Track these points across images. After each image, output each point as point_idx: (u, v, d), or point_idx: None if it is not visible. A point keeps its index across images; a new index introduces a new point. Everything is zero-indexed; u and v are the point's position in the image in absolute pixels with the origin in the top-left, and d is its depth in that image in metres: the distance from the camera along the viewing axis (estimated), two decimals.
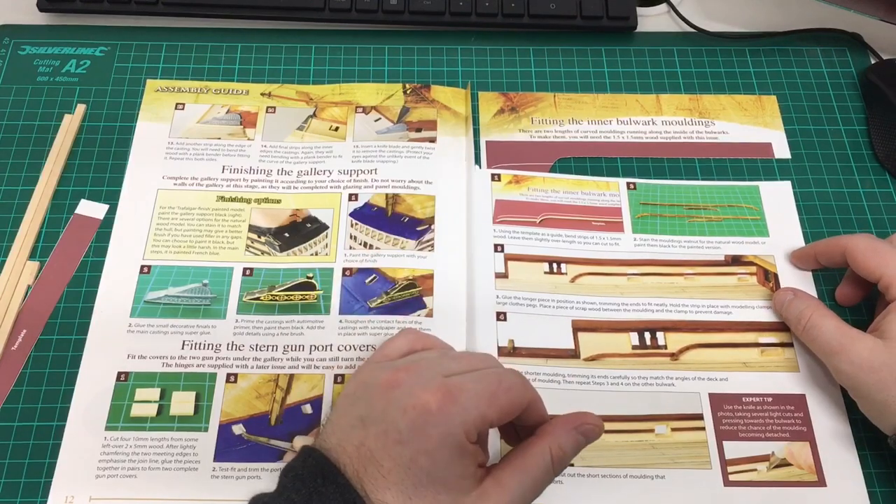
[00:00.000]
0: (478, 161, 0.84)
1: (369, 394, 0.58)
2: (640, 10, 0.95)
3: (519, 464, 0.58)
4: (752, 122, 0.88)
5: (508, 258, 0.78)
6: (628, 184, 0.83)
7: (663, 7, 0.96)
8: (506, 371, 0.60)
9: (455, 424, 0.55)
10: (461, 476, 0.56)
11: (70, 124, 0.85)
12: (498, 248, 0.79)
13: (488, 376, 0.58)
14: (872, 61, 0.92)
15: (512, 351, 0.74)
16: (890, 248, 0.72)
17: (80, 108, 0.86)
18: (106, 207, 0.81)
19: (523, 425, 0.62)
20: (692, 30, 0.94)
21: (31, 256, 0.78)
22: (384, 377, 0.58)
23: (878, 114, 0.87)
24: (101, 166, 0.83)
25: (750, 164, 0.85)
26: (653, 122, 0.88)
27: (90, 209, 0.81)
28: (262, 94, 0.88)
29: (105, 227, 0.79)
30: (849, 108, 0.89)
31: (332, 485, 0.54)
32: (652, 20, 0.96)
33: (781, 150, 0.86)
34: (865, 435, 0.70)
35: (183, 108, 0.86)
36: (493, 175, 0.83)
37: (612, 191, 0.83)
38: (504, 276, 0.78)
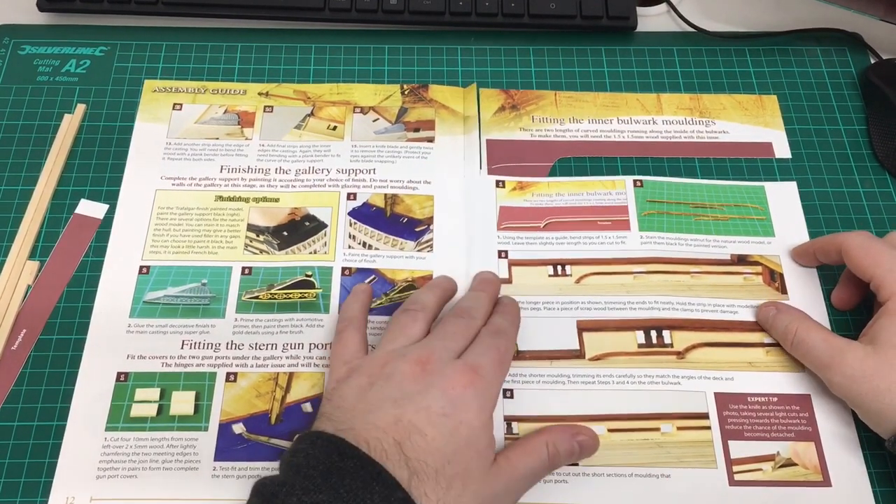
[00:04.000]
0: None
1: (396, 381, 0.62)
2: (640, 10, 0.95)
3: (524, 449, 0.64)
4: (752, 121, 0.88)
5: (512, 263, 0.78)
6: (635, 181, 0.83)
7: (663, 7, 0.96)
8: (495, 332, 0.68)
9: (488, 396, 0.63)
10: (488, 445, 0.62)
11: (70, 124, 0.85)
12: (502, 254, 0.79)
13: (489, 347, 0.66)
14: (872, 61, 0.92)
15: (516, 354, 0.73)
16: (884, 247, 0.71)
17: (80, 108, 0.86)
18: (106, 207, 0.80)
19: None
20: (692, 30, 0.94)
21: (31, 256, 0.78)
22: (408, 368, 0.63)
23: (878, 114, 0.87)
24: (101, 166, 0.83)
25: (750, 163, 0.85)
26: (653, 122, 0.88)
27: (90, 209, 0.80)
28: (260, 94, 0.88)
29: (105, 227, 0.79)
30: (849, 108, 0.89)
31: (350, 459, 0.57)
32: (652, 20, 0.96)
33: (782, 150, 0.86)
34: (870, 435, 0.69)
35: (180, 109, 0.86)
36: (497, 182, 0.83)
37: (619, 189, 0.83)
38: (508, 281, 0.77)
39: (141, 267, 0.77)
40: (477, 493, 0.60)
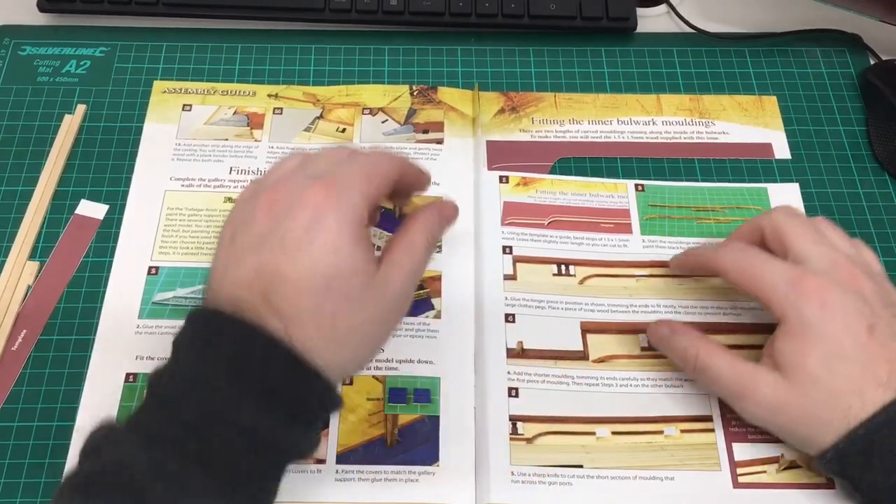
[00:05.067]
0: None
1: (250, 226, 0.58)
2: (639, 11, 0.95)
3: (405, 245, 0.62)
4: (752, 122, 0.88)
5: (517, 260, 0.78)
6: (636, 185, 0.83)
7: (663, 7, 0.96)
8: (367, 153, 0.63)
9: (347, 208, 0.57)
10: (366, 260, 0.57)
11: (70, 125, 0.84)
12: (506, 249, 0.79)
13: (355, 161, 0.61)
14: (872, 62, 0.93)
15: (521, 353, 0.73)
16: (757, 261, 0.66)
17: (81, 109, 0.86)
18: (106, 207, 0.80)
19: (404, 197, 0.71)
20: (692, 30, 0.94)
21: (31, 256, 0.78)
22: (257, 203, 0.58)
23: (878, 114, 0.88)
24: (102, 167, 0.83)
25: (750, 164, 0.85)
26: (653, 123, 0.88)
27: (90, 209, 0.80)
28: (269, 96, 0.88)
29: (105, 228, 0.79)
30: (848, 108, 0.90)
31: (227, 324, 0.55)
32: (652, 21, 0.96)
33: (781, 151, 0.86)
34: None
35: (190, 110, 0.86)
36: (501, 177, 0.83)
37: (621, 192, 0.83)
38: (512, 277, 0.77)
39: (150, 268, 0.77)
40: (362, 319, 0.57)
